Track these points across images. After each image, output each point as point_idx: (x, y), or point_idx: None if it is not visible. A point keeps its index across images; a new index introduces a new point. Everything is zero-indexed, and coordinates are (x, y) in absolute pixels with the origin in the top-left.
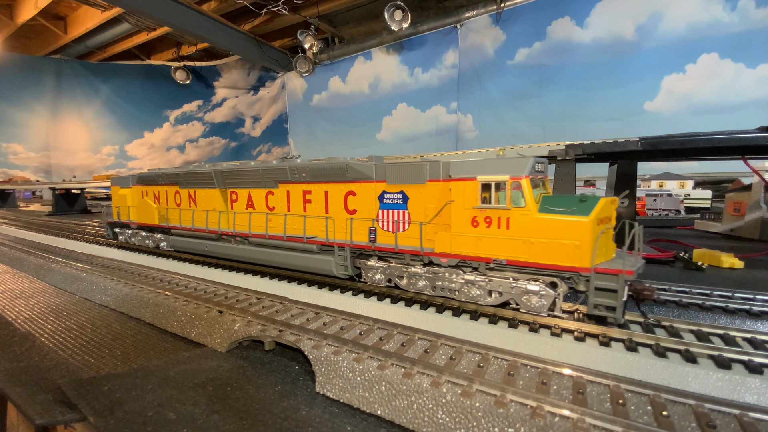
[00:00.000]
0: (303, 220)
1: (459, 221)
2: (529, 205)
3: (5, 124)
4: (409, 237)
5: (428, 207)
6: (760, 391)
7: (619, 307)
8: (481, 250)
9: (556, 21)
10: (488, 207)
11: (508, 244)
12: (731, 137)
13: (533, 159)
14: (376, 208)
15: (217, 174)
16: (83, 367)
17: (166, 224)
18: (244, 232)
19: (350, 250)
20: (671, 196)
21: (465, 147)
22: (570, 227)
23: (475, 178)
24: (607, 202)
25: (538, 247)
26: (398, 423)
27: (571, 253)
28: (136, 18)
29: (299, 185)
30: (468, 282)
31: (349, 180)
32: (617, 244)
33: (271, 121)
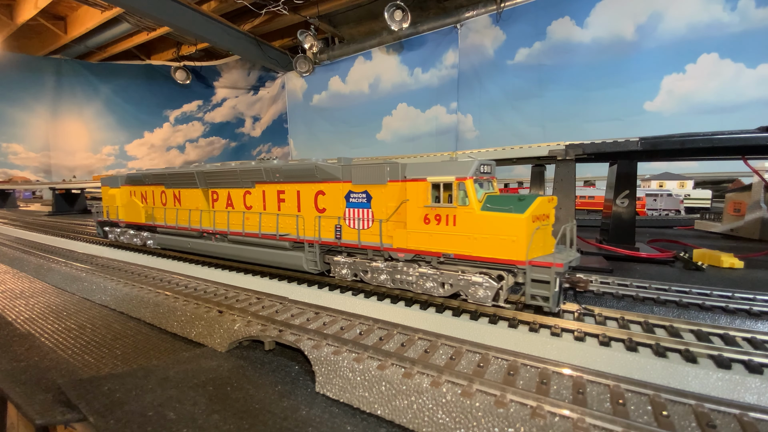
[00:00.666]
0: (276, 218)
1: (413, 219)
2: (472, 204)
3: (5, 124)
4: (372, 234)
5: (388, 206)
6: (760, 390)
7: (552, 297)
8: (432, 246)
9: (556, 21)
10: (437, 206)
11: (455, 240)
12: (731, 137)
13: (478, 162)
14: (343, 206)
15: (199, 175)
16: (83, 367)
17: (153, 223)
18: (223, 230)
19: (319, 247)
20: (671, 196)
21: (465, 147)
22: (507, 223)
23: (426, 179)
24: (543, 201)
25: (481, 242)
26: (398, 423)
27: (508, 247)
28: (136, 18)
29: (274, 185)
30: (422, 275)
31: (319, 180)
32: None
33: (271, 121)
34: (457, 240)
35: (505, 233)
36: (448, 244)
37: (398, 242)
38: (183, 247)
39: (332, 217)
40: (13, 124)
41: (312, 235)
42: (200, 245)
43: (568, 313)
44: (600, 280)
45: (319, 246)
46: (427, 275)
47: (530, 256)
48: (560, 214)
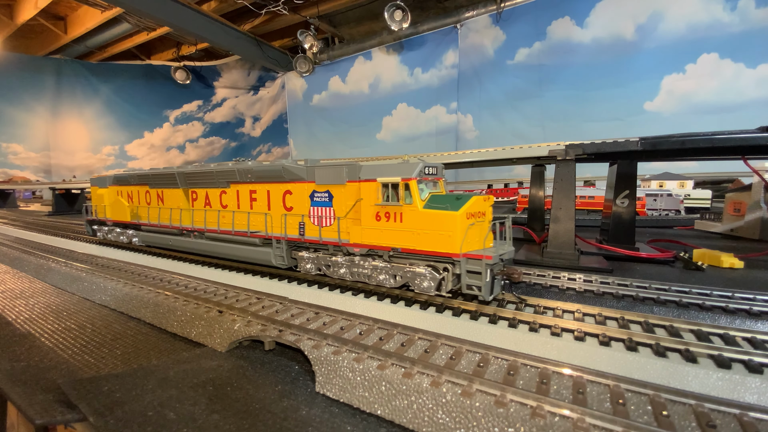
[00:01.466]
0: (248, 216)
1: (366, 216)
2: (415, 202)
3: (5, 124)
4: (333, 230)
5: (347, 204)
6: (761, 390)
7: (484, 286)
8: (383, 241)
9: (556, 21)
10: (386, 204)
11: (402, 235)
12: (731, 137)
13: (422, 164)
14: (308, 205)
15: (180, 175)
16: (83, 367)
17: (137, 221)
18: (200, 227)
19: (286, 243)
20: (671, 196)
21: (465, 147)
22: (444, 220)
23: (376, 179)
24: (479, 200)
25: (423, 237)
26: (398, 423)
27: (446, 241)
28: (136, 18)
29: (247, 185)
30: (375, 268)
31: (286, 181)
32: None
33: (271, 121)
34: (403, 235)
35: (442, 229)
36: (396, 239)
37: (354, 238)
38: (165, 244)
39: (298, 215)
40: (13, 124)
41: (279, 232)
42: (180, 242)
43: (510, 303)
44: (600, 280)
45: (285, 242)
46: (380, 268)
47: (465, 250)
48: (560, 215)
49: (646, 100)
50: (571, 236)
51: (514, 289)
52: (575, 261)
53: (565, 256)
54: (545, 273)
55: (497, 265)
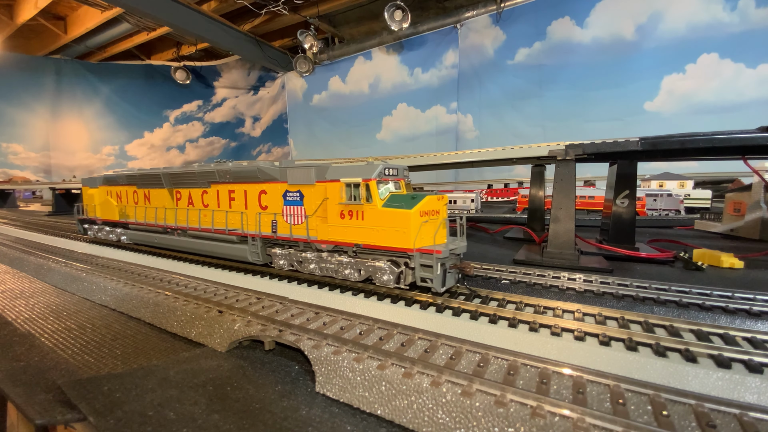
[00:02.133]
0: (225, 214)
1: (332, 214)
2: (375, 201)
3: (5, 124)
4: (303, 228)
5: (316, 203)
6: (761, 390)
7: (435, 278)
8: (347, 237)
9: (556, 21)
10: (349, 203)
11: (363, 232)
12: (731, 137)
13: (382, 166)
14: (282, 204)
15: (165, 176)
16: (83, 367)
17: (125, 220)
18: (183, 226)
19: (261, 240)
20: (671, 196)
21: (465, 147)
22: (399, 217)
23: (340, 180)
24: (432, 199)
25: (382, 233)
26: (398, 423)
27: (401, 237)
28: (136, 18)
29: (226, 185)
30: (341, 263)
31: (261, 181)
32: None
33: (271, 121)
34: (364, 232)
35: (398, 226)
36: (358, 235)
37: (321, 235)
38: (151, 241)
39: (272, 214)
40: (13, 124)
41: (254, 229)
42: (165, 240)
43: (461, 295)
44: (600, 280)
45: (260, 239)
46: (345, 263)
47: (418, 245)
48: (560, 215)
49: (646, 100)
50: (571, 236)
51: (467, 281)
52: (575, 261)
53: (565, 256)
54: (545, 273)
55: (449, 259)
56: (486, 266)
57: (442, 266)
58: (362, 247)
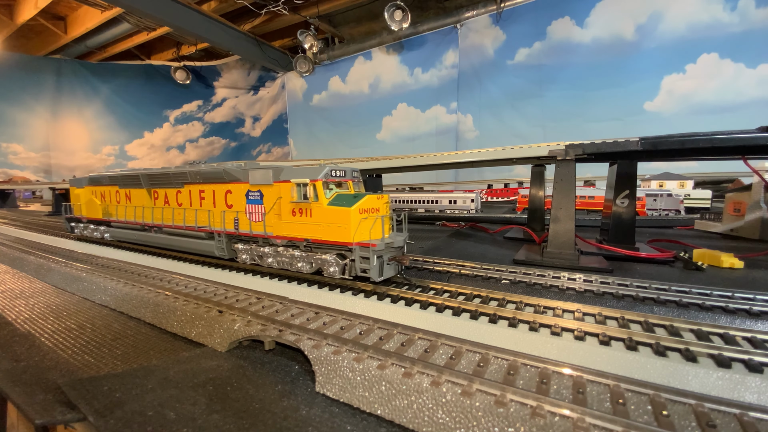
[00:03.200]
0: (195, 213)
1: (285, 212)
2: (321, 200)
3: (5, 124)
4: (261, 225)
5: (272, 202)
6: (761, 389)
7: (372, 269)
8: (298, 233)
9: (556, 21)
10: (299, 201)
11: (311, 228)
12: (731, 137)
13: (328, 168)
14: (244, 203)
15: (143, 176)
16: (83, 367)
17: (108, 218)
18: (159, 223)
19: (225, 236)
20: (671, 196)
21: (465, 147)
22: (340, 215)
23: (291, 180)
24: (371, 198)
25: (326, 229)
26: (398, 422)
27: (342, 232)
28: (136, 18)
29: (197, 185)
30: (294, 257)
31: (227, 181)
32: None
33: (271, 121)
34: (312, 228)
35: (340, 222)
36: (307, 231)
37: (276, 231)
38: (131, 238)
39: (233, 211)
40: (13, 124)
41: (220, 226)
42: (144, 237)
43: (396, 285)
44: (600, 280)
45: (225, 235)
46: (298, 256)
47: (357, 239)
48: (560, 215)
49: (646, 100)
50: (571, 236)
51: (404, 272)
52: (575, 261)
53: (565, 256)
54: (545, 273)
55: (386, 251)
56: (486, 266)
57: (379, 258)
58: (311, 241)
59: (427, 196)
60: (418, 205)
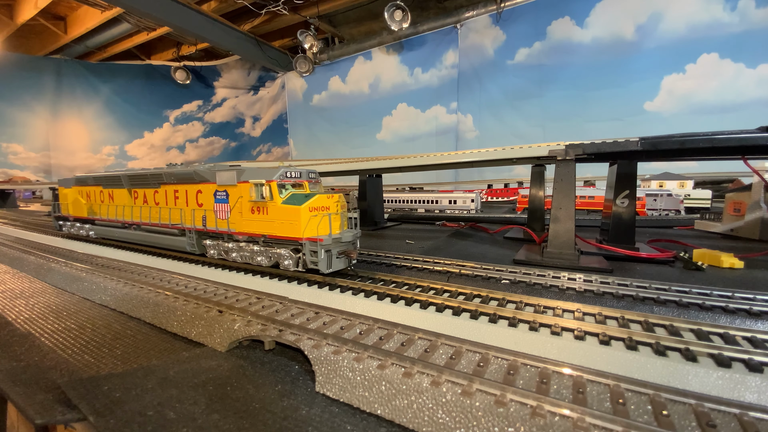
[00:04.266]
0: (169, 211)
1: (245, 210)
2: (275, 199)
3: (5, 124)
4: (226, 222)
5: (235, 201)
6: (761, 389)
7: (320, 262)
8: (257, 229)
9: (556, 21)
10: (258, 200)
11: (268, 225)
12: (731, 137)
13: (283, 169)
14: (213, 201)
15: (124, 177)
16: (83, 367)
17: (92, 217)
18: (138, 221)
19: (195, 233)
20: (671, 196)
21: (465, 147)
22: (292, 212)
23: (249, 181)
24: (322, 197)
25: (281, 225)
26: (398, 422)
27: (294, 228)
28: (136, 18)
29: (172, 186)
30: (253, 251)
31: (198, 182)
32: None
33: (271, 121)
34: (269, 225)
35: (292, 219)
36: (265, 228)
37: (238, 228)
38: (113, 235)
39: (202, 209)
40: (13, 124)
41: (190, 223)
42: (124, 234)
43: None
44: (600, 280)
45: (195, 232)
46: (257, 251)
47: (307, 235)
48: (560, 215)
49: (646, 100)
50: (571, 236)
51: (353, 265)
52: (575, 261)
53: (565, 256)
54: (545, 273)
55: (334, 245)
56: (486, 266)
57: (327, 252)
58: (268, 237)
59: (427, 196)
60: (418, 205)
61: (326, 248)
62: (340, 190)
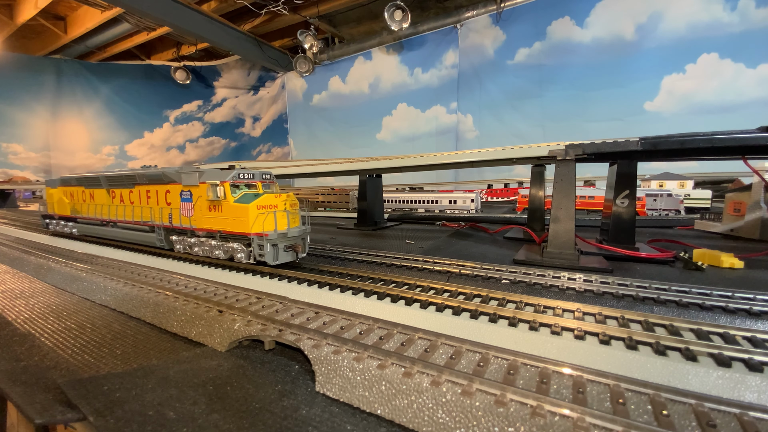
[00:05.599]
0: (140, 209)
1: (204, 208)
2: (228, 198)
3: (5, 124)
4: (188, 219)
5: (197, 199)
6: (761, 389)
7: (266, 255)
8: (213, 226)
9: (556, 21)
10: (214, 199)
11: (223, 221)
12: (731, 137)
13: (236, 171)
14: (179, 201)
15: (103, 178)
16: (83, 367)
17: (75, 215)
18: (114, 219)
19: (163, 229)
20: (671, 196)
21: (465, 147)
22: (241, 210)
23: (206, 182)
24: (269, 196)
25: (233, 222)
26: (398, 422)
27: (244, 224)
28: (136, 18)
29: (144, 186)
30: (212, 246)
31: (166, 183)
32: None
33: (271, 121)
34: (223, 221)
35: (242, 216)
36: (220, 224)
37: (198, 224)
38: (93, 232)
39: (168, 208)
40: (13, 124)
41: (159, 221)
42: (103, 231)
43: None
44: (600, 280)
45: (163, 229)
46: (214, 245)
47: (254, 230)
48: (560, 215)
49: (646, 100)
50: (571, 236)
51: (300, 258)
52: (575, 261)
53: (565, 256)
54: (545, 273)
55: (282, 240)
56: (486, 266)
57: (274, 246)
58: (223, 232)
59: (427, 196)
60: (418, 205)
61: (272, 242)
62: (340, 190)
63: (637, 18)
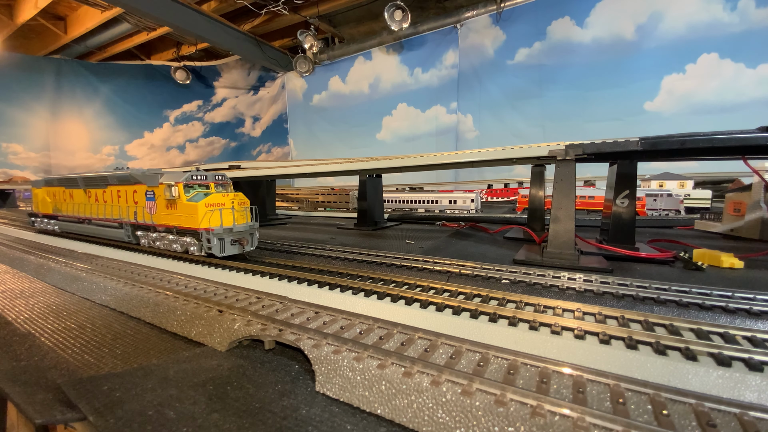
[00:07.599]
0: (111, 208)
1: (162, 206)
2: (182, 197)
3: (5, 124)
4: (150, 216)
5: (158, 198)
6: (761, 388)
7: (213, 247)
8: (170, 222)
9: (556, 21)
10: (170, 198)
11: (177, 218)
12: (731, 137)
13: (190, 173)
14: (145, 200)
15: (80, 179)
16: (83, 367)
17: (56, 213)
18: (89, 217)
19: (130, 225)
20: (671, 196)
21: (465, 147)
22: (192, 208)
23: (162, 182)
24: (218, 196)
25: (186, 218)
26: (398, 422)
27: (194, 220)
28: (136, 18)
29: (115, 187)
30: (170, 240)
31: (133, 183)
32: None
33: (271, 121)
34: (178, 218)
35: (192, 213)
36: (175, 220)
37: (158, 220)
38: (72, 229)
39: (137, 206)
40: (13, 124)
41: (126, 218)
42: (80, 228)
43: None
44: (600, 279)
45: (130, 225)
46: (171, 239)
47: (203, 226)
48: (560, 215)
49: (646, 100)
50: (571, 236)
51: (247, 251)
52: (575, 261)
53: (565, 256)
54: (545, 273)
55: (228, 235)
56: (486, 266)
57: (221, 240)
58: (178, 228)
59: (427, 196)
60: (418, 205)
61: (218, 236)
62: (340, 190)
63: (637, 18)
